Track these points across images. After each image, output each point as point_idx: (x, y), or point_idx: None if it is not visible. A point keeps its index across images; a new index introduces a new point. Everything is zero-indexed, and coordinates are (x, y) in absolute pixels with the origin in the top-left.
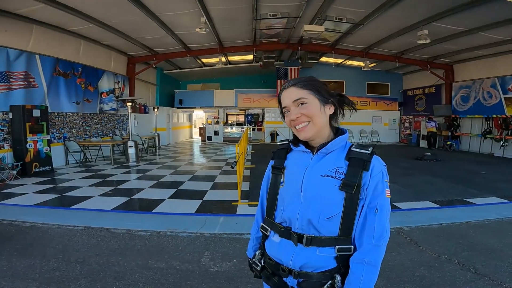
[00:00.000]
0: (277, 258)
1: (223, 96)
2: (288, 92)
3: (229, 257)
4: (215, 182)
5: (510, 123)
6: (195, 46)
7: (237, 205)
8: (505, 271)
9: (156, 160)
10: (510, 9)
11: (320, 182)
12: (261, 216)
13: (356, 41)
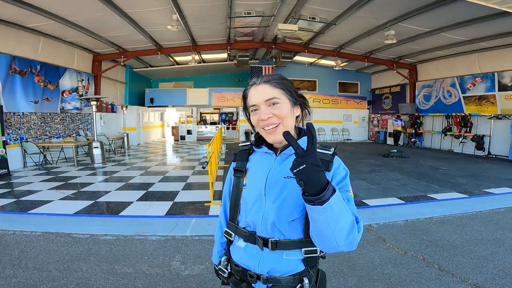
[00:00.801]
0: (244, 264)
1: (197, 95)
2: (259, 90)
3: (201, 260)
4: (187, 182)
5: (469, 121)
6: (167, 44)
7: (210, 206)
8: (467, 267)
9: (125, 161)
10: (470, 10)
11: (283, 184)
12: (224, 221)
13: (328, 41)
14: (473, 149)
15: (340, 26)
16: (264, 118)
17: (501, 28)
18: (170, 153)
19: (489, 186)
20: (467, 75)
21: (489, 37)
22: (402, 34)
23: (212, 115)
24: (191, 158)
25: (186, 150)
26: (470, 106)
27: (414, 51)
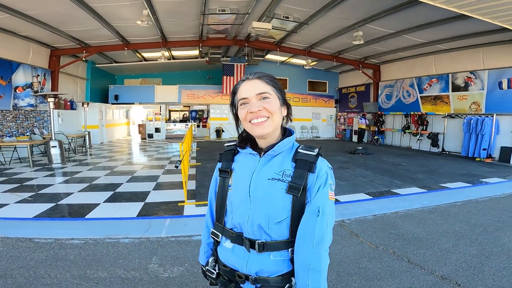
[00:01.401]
0: (232, 264)
1: (166, 92)
2: (252, 84)
3: (180, 262)
4: (158, 182)
5: (425, 120)
6: (135, 40)
7: (184, 205)
8: (433, 259)
9: (87, 161)
10: (430, 13)
11: (268, 185)
12: (211, 221)
13: (300, 40)
14: (429, 146)
15: (312, 26)
16: (254, 110)
17: (456, 31)
18: (137, 152)
19: (445, 181)
20: (424, 76)
21: (445, 40)
22: (368, 35)
23: (181, 113)
24: (161, 157)
25: (155, 148)
26: (426, 105)
27: (379, 52)
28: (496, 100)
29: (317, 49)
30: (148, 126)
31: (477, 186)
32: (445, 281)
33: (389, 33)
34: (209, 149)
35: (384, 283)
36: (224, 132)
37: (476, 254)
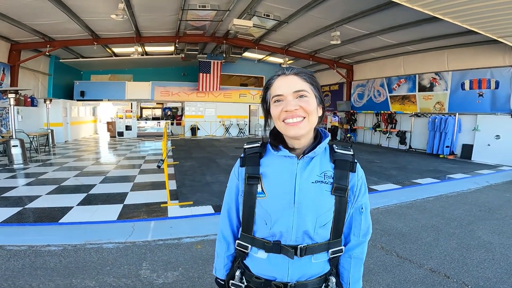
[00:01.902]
0: (268, 275)
1: (137, 88)
2: (288, 80)
3: (172, 266)
4: (134, 182)
5: (394, 118)
6: (106, 34)
7: (167, 206)
8: (419, 253)
9: (52, 161)
10: (403, 15)
11: (314, 189)
12: (231, 233)
13: (278, 39)
14: (397, 143)
15: (291, 25)
16: (290, 109)
17: (425, 33)
18: (107, 151)
19: (416, 177)
20: (393, 76)
21: (414, 41)
22: (345, 36)
23: (154, 110)
24: (134, 156)
25: (126, 147)
26: (395, 104)
27: (353, 52)
28: (458, 100)
29: (295, 48)
30: (118, 124)
31: (445, 181)
32: (434, 273)
33: (364, 34)
34: (185, 148)
35: (379, 277)
36: (200, 130)
37: (456, 247)
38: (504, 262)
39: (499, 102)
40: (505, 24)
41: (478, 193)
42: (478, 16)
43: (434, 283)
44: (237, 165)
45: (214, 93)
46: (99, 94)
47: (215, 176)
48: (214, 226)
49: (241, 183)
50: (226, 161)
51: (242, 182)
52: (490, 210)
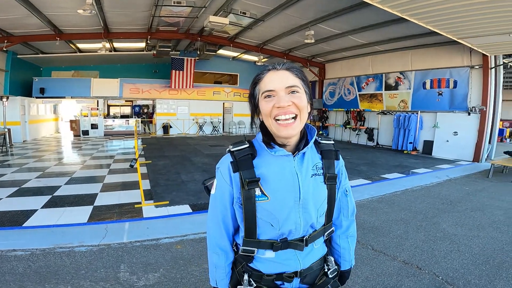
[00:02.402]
0: (279, 270)
1: (104, 86)
2: (280, 75)
3: (153, 268)
4: (104, 183)
5: (363, 116)
6: (70, 30)
7: (142, 207)
8: (392, 246)
9: (10, 162)
10: (373, 16)
11: (313, 183)
12: (228, 242)
13: (254, 36)
14: (366, 140)
15: (267, 23)
16: (283, 105)
17: (392, 34)
18: (71, 150)
19: (384, 172)
20: (362, 75)
21: (382, 42)
22: (318, 35)
23: (122, 108)
24: (102, 155)
25: (92, 146)
26: (363, 102)
27: (325, 51)
28: (420, 98)
29: (270, 46)
30: (83, 122)
31: (410, 176)
32: (408, 265)
33: (336, 33)
34: (157, 146)
35: (358, 270)
36: (172, 128)
37: (425, 240)
38: (468, 253)
39: (457, 100)
40: (464, 26)
41: (440, 187)
42: (441, 18)
43: (409, 274)
44: (227, 170)
45: (187, 91)
46: (61, 91)
47: (190, 175)
48: (192, 226)
49: (236, 190)
50: (201, 159)
51: (238, 188)
52: (452, 203)
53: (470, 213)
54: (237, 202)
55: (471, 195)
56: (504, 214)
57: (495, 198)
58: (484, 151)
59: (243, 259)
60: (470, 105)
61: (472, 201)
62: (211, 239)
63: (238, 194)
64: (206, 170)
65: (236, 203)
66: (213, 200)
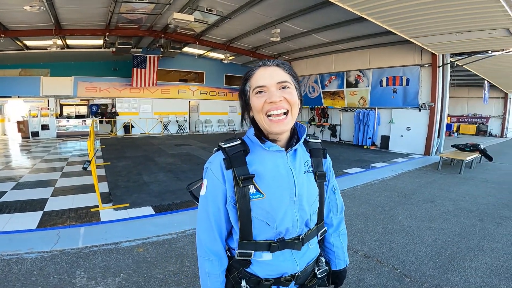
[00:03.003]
0: (277, 273)
1: (56, 84)
2: (271, 71)
3: (113, 272)
4: (56, 187)
5: (326, 113)
6: (16, 26)
7: (99, 210)
8: (353, 240)
9: None
10: (336, 15)
11: (306, 179)
12: (222, 247)
13: (220, 34)
14: (329, 136)
15: (234, 21)
16: (275, 100)
17: (353, 33)
18: (19, 153)
19: (346, 167)
20: (326, 73)
21: (344, 40)
22: (284, 33)
23: (77, 107)
24: (54, 158)
25: (44, 148)
26: (327, 100)
27: (291, 49)
28: (377, 95)
29: (236, 44)
30: (32, 123)
31: (369, 170)
32: (369, 259)
33: (301, 32)
34: (117, 147)
35: None
36: (134, 128)
37: (383, 233)
38: (422, 245)
39: (409, 97)
40: (415, 25)
41: (396, 180)
42: (395, 17)
43: (370, 268)
44: (219, 168)
45: (150, 89)
46: (6, 90)
47: (153, 175)
48: (156, 228)
49: (229, 188)
50: (166, 159)
51: (232, 186)
52: (406, 196)
53: (423, 205)
54: (230, 201)
55: (423, 187)
56: (453, 205)
57: (445, 189)
58: (433, 145)
59: (239, 264)
60: (420, 102)
61: (424, 193)
62: (203, 245)
63: (231, 193)
64: (171, 170)
65: (230, 202)
66: (204, 202)
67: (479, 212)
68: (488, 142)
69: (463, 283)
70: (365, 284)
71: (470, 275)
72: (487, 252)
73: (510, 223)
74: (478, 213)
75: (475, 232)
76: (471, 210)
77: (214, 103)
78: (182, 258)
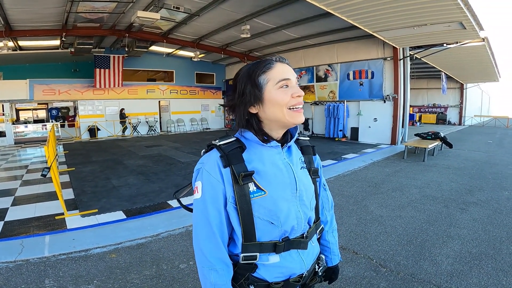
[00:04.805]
0: (286, 275)
1: (9, 88)
2: (289, 68)
3: (85, 280)
4: (16, 196)
5: None
6: None
7: (65, 218)
8: None
9: None
10: (304, 10)
11: (303, 175)
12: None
13: (189, 32)
14: (302, 130)
15: (203, 18)
16: (302, 94)
17: (321, 28)
18: None
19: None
20: (296, 68)
21: (312, 36)
22: (254, 29)
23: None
24: (12, 166)
25: (1, 156)
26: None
27: (261, 46)
28: (345, 89)
29: (206, 41)
30: None
31: (341, 162)
32: (345, 250)
33: (271, 28)
34: (81, 151)
35: None
36: (101, 131)
37: (356, 223)
38: (394, 234)
39: (374, 89)
40: (377, 20)
41: (366, 170)
42: (358, 12)
43: (347, 260)
44: (215, 166)
45: (116, 90)
46: None
47: (122, 179)
48: (128, 232)
49: (228, 188)
50: (136, 161)
51: (231, 185)
52: (376, 185)
53: (392, 194)
54: (231, 202)
55: (391, 176)
56: (419, 193)
57: (411, 177)
58: (399, 134)
59: (245, 269)
60: (385, 94)
61: (392, 182)
62: (205, 254)
63: (231, 193)
64: (142, 173)
65: (230, 203)
66: (201, 206)
67: (444, 199)
68: (448, 130)
69: (435, 271)
70: (344, 277)
71: (441, 262)
72: (454, 238)
73: (474, 209)
74: (443, 200)
75: (442, 219)
76: (436, 197)
77: (185, 102)
78: (158, 261)
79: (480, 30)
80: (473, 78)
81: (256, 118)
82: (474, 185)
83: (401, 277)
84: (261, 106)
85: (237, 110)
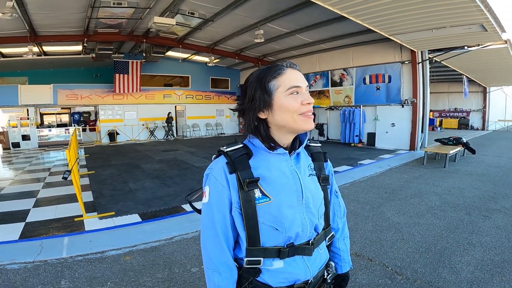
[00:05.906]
0: (290, 281)
1: (35, 92)
2: (300, 74)
3: (99, 281)
4: (38, 198)
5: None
6: None
7: (83, 220)
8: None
9: None
10: (318, 15)
11: (311, 182)
12: (231, 257)
13: (204, 37)
14: (317, 135)
15: (217, 23)
16: (311, 101)
17: (335, 32)
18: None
19: (334, 165)
20: (311, 73)
21: (326, 40)
22: (268, 34)
23: (59, 116)
24: (36, 169)
25: (25, 159)
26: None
27: (275, 50)
28: (361, 93)
29: (221, 46)
30: (12, 134)
31: (357, 168)
32: (359, 257)
33: (285, 33)
34: (101, 155)
35: None
36: (120, 135)
37: (372, 230)
38: (412, 241)
39: (392, 94)
40: (394, 23)
41: (383, 176)
42: (374, 15)
43: (361, 267)
44: (222, 172)
45: (134, 95)
46: None
47: (139, 182)
48: (143, 235)
49: (234, 193)
50: (152, 165)
51: (236, 191)
52: (394, 192)
53: (410, 200)
54: (236, 207)
55: (409, 183)
56: (439, 200)
57: (430, 184)
58: (418, 140)
59: (249, 273)
60: (403, 98)
61: (411, 188)
62: (210, 256)
63: (236, 198)
64: (158, 177)
65: (235, 208)
66: (208, 210)
67: (466, 206)
68: (470, 135)
69: (455, 279)
70: (357, 284)
71: (462, 270)
72: (476, 246)
73: (497, 216)
74: (464, 207)
75: (463, 226)
76: (458, 204)
77: (200, 107)
78: (170, 265)
79: (502, 32)
80: (496, 81)
81: (265, 123)
82: (498, 191)
83: (418, 285)
84: (270, 111)
85: (246, 115)
